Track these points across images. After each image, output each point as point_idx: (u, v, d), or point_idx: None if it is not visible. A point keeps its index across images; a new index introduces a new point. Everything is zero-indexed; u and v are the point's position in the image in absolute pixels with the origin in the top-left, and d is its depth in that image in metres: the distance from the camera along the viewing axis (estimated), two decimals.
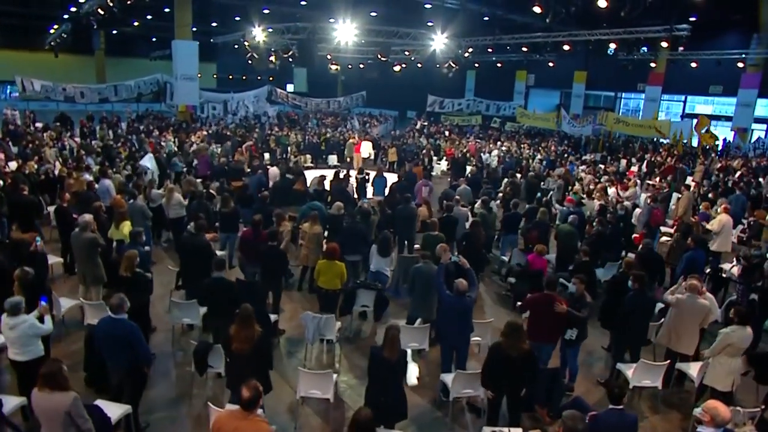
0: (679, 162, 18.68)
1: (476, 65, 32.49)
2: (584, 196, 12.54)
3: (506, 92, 35.88)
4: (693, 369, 6.21)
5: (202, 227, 7.45)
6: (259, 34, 19.57)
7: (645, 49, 23.40)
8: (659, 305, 7.35)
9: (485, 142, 23.08)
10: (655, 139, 25.07)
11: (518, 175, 15.81)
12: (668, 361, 6.14)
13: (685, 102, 31.51)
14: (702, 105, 31.26)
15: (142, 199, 9.80)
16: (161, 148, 16.03)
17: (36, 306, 5.53)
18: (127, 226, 8.30)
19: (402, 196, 10.56)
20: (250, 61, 23.15)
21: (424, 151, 18.56)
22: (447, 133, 26.77)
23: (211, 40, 32.76)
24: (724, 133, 28.13)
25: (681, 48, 21.81)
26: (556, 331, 5.93)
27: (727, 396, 5.62)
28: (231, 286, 6.13)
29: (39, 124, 20.76)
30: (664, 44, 19.16)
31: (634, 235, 10.77)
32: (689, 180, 16.72)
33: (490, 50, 27.82)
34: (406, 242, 9.82)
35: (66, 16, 31.88)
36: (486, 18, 26.47)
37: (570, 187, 13.74)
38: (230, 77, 46.79)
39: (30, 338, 5.16)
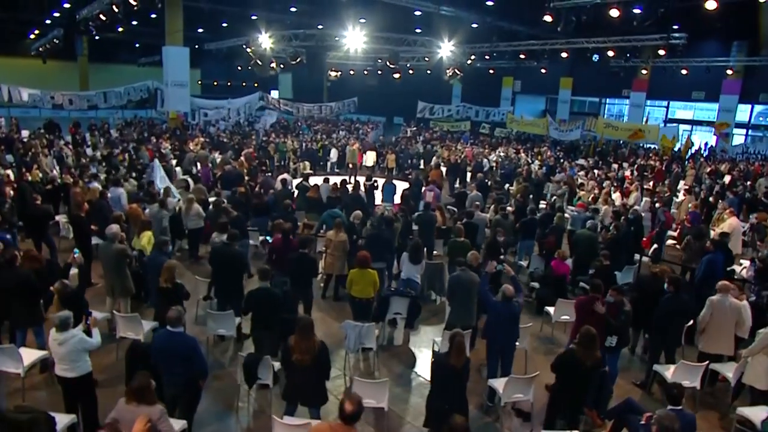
0: (673, 165, 19.15)
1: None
2: (590, 201, 12.76)
3: (493, 98, 36.22)
4: (728, 369, 6.36)
5: (234, 237, 7.35)
6: (265, 40, 19.36)
7: (628, 55, 23.95)
8: None
9: (481, 149, 23.28)
10: (643, 145, 25.66)
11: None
12: (707, 362, 6.28)
13: (667, 108, 32.36)
14: (682, 110, 32.19)
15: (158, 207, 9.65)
16: (161, 155, 15.75)
17: (80, 320, 5.42)
18: (146, 236, 8.19)
19: (417, 202, 10.60)
20: (239, 67, 22.93)
21: (435, 158, 18.72)
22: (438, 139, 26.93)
23: (196, 46, 32.33)
24: (705, 137, 29.06)
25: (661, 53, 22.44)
26: (602, 334, 6.01)
27: (766, 394, 5.78)
28: (276, 296, 6.06)
29: (25, 132, 20.21)
30: (662, 52, 19.68)
31: (644, 239, 11.03)
32: (682, 183, 17.20)
33: (487, 57, 28.07)
34: (425, 248, 9.84)
35: (48, 21, 31.21)
36: (475, 25, 26.77)
37: (575, 193, 13.97)
38: (215, 83, 46.45)
39: (79, 353, 5.04)
